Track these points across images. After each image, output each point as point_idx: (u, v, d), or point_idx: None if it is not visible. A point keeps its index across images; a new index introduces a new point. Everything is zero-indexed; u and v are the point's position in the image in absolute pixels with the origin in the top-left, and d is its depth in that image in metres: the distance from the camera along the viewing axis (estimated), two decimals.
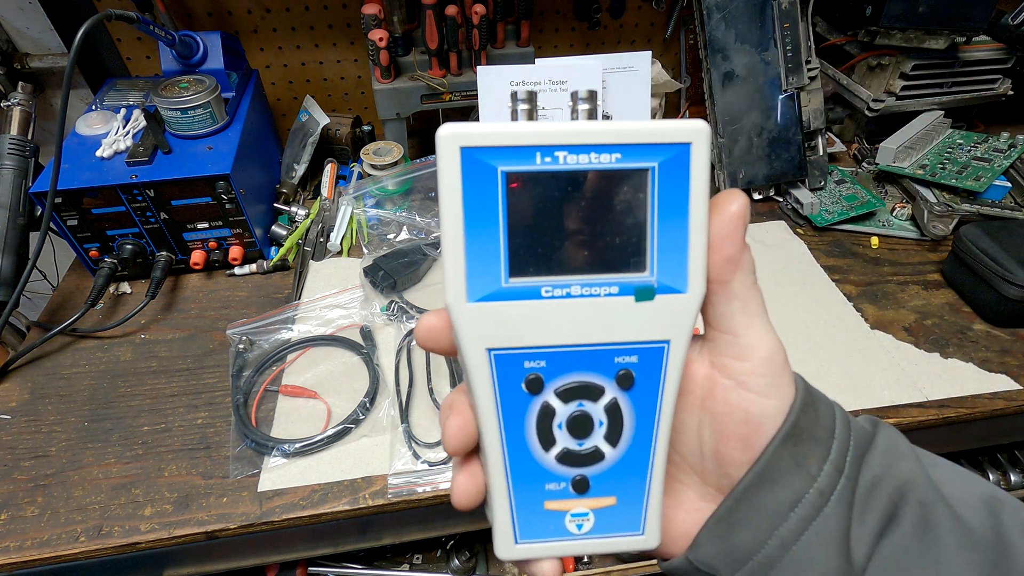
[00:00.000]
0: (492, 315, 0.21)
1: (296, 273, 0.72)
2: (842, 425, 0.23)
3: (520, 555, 0.24)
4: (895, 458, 0.23)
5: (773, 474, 0.22)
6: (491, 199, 0.20)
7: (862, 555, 0.22)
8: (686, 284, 0.21)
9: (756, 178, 0.83)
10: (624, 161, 0.20)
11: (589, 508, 0.23)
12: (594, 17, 0.92)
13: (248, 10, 0.85)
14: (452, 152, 0.19)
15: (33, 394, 0.59)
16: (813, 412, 0.23)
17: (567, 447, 0.23)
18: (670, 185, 0.20)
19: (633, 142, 0.19)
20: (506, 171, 0.19)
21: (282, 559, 0.59)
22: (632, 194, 0.20)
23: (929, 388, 0.59)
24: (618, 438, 0.22)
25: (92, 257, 0.68)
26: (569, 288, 0.21)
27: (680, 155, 0.20)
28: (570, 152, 0.19)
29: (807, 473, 0.22)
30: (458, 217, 0.20)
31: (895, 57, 0.87)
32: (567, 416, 0.22)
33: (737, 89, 0.80)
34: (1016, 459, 0.82)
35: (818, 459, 0.22)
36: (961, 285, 0.70)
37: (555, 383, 0.22)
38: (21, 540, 0.47)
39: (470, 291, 0.20)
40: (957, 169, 0.80)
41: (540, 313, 0.21)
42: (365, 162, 0.81)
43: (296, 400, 0.58)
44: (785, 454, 0.22)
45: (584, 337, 0.21)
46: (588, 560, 0.75)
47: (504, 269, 0.20)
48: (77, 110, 0.89)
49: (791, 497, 0.22)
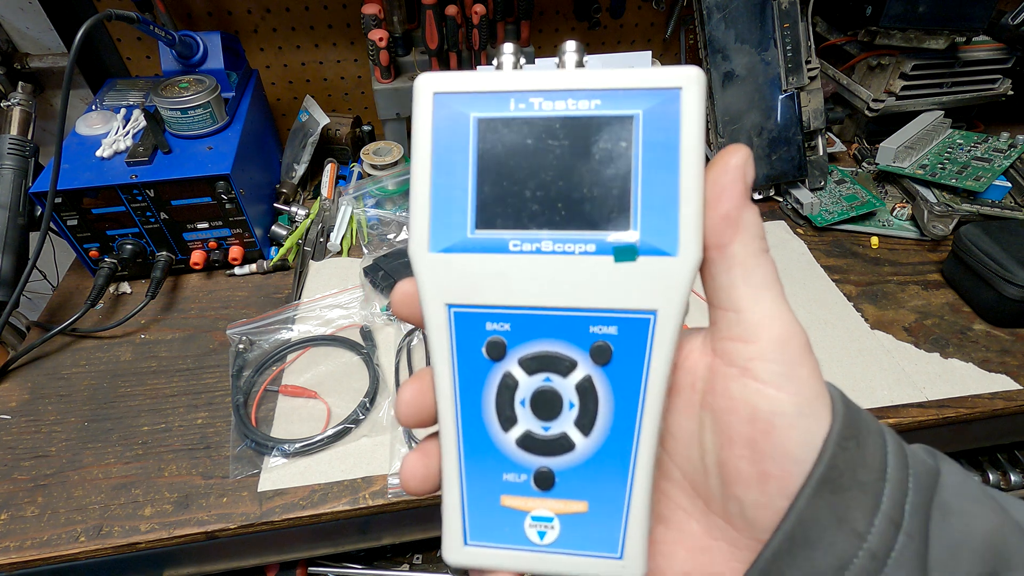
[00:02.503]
0: (454, 267, 0.19)
1: (296, 273, 0.72)
2: (896, 461, 0.18)
3: (468, 560, 0.20)
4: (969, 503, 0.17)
5: (809, 534, 0.17)
6: (462, 146, 0.18)
7: None
8: (676, 246, 0.18)
9: (756, 178, 0.83)
10: (605, 108, 0.18)
11: (554, 512, 0.20)
12: (594, 17, 0.92)
13: (248, 10, 0.85)
14: (426, 98, 0.18)
15: (33, 394, 0.59)
16: (855, 445, 0.17)
17: (529, 429, 0.19)
18: (657, 134, 0.18)
19: (613, 87, 0.18)
20: (477, 117, 0.18)
21: (282, 559, 0.59)
22: (614, 143, 0.18)
23: (929, 388, 0.59)
24: (591, 425, 0.19)
25: (92, 257, 0.68)
26: (540, 243, 0.18)
27: (669, 101, 0.18)
28: (546, 98, 0.18)
29: (853, 530, 0.17)
30: (426, 164, 0.19)
31: (895, 57, 0.87)
32: (531, 391, 0.19)
33: (737, 89, 0.80)
34: (1016, 459, 0.82)
35: (866, 511, 0.17)
36: (961, 285, 0.70)
37: (519, 350, 0.19)
38: (21, 540, 0.47)
39: (433, 241, 0.19)
40: (957, 169, 0.80)
41: (506, 268, 0.19)
42: (365, 162, 0.81)
43: (296, 400, 0.58)
44: (822, 505, 0.17)
45: (554, 299, 0.19)
46: None
47: (471, 219, 0.19)
48: (77, 110, 0.89)
49: (835, 564, 0.17)
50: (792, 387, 0.17)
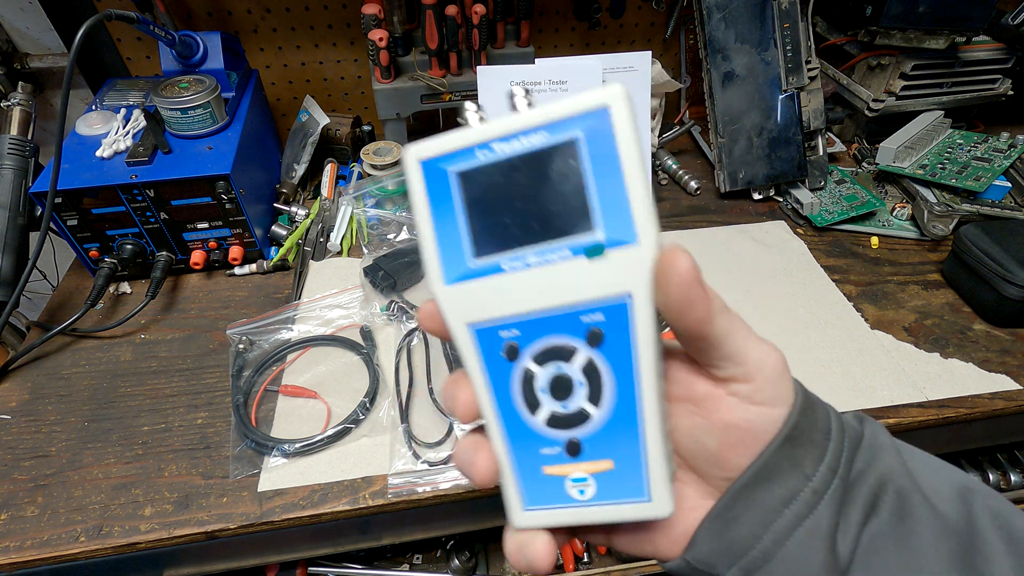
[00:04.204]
0: (465, 294, 0.23)
1: (296, 273, 0.72)
2: (837, 427, 0.24)
3: (530, 522, 0.24)
4: (876, 452, 0.24)
5: (770, 474, 0.22)
6: (447, 196, 0.23)
7: (847, 548, 0.22)
8: (634, 234, 0.21)
9: (756, 178, 0.83)
10: (551, 138, 0.21)
11: (587, 472, 0.24)
12: (594, 17, 0.92)
13: (248, 10, 0.85)
14: (414, 165, 0.23)
15: (33, 394, 0.59)
16: (811, 415, 0.23)
17: (553, 410, 0.24)
18: (598, 148, 0.21)
19: (554, 119, 0.21)
20: (454, 171, 0.22)
21: (282, 559, 0.59)
22: (565, 164, 0.21)
23: (929, 388, 0.59)
24: (599, 397, 0.23)
25: (92, 257, 0.68)
26: (526, 258, 0.22)
27: (601, 119, 0.21)
28: (503, 142, 0.22)
29: (802, 473, 0.22)
30: (426, 215, 0.23)
31: (895, 57, 0.87)
32: (547, 379, 0.23)
33: (737, 89, 0.80)
34: (1016, 459, 0.82)
35: (814, 460, 0.23)
36: (961, 285, 0.70)
37: (530, 348, 0.23)
38: (21, 540, 0.47)
39: (445, 275, 0.23)
40: (957, 169, 0.80)
41: (505, 285, 0.23)
42: (365, 162, 0.81)
43: (296, 400, 0.58)
44: (783, 455, 0.22)
45: (547, 301, 0.22)
46: (588, 560, 0.75)
47: (469, 252, 0.23)
48: (77, 110, 0.89)
49: (786, 495, 0.22)
50: (780, 402, 0.23)
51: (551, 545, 0.24)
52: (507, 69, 0.73)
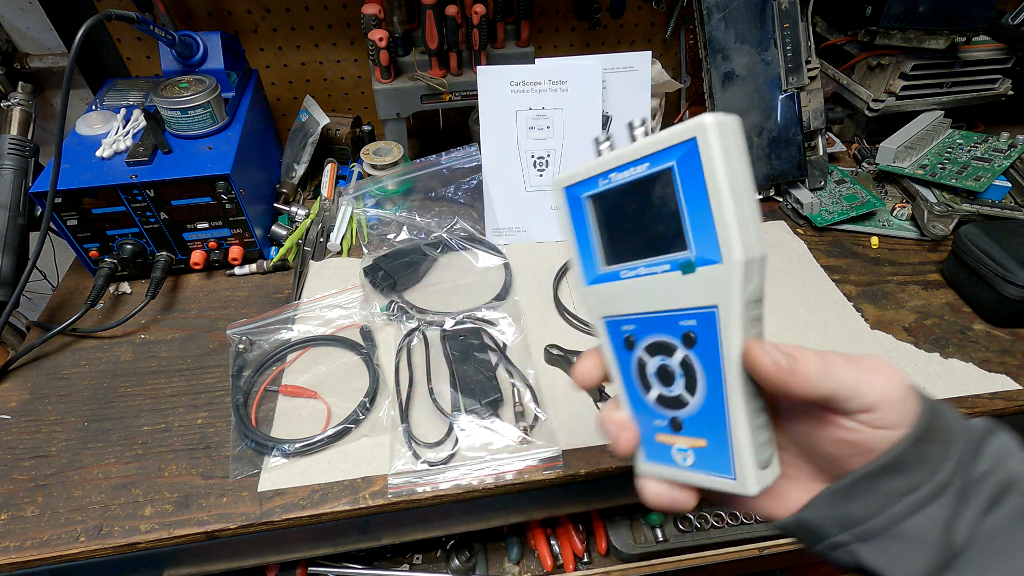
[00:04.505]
0: (598, 293, 0.30)
1: (296, 273, 0.72)
2: (961, 428, 0.26)
3: (649, 471, 0.30)
4: (1005, 457, 0.26)
5: (897, 466, 0.24)
6: (583, 216, 0.29)
7: (963, 536, 0.24)
8: (719, 254, 0.24)
9: (756, 178, 0.83)
10: (652, 167, 0.26)
11: (688, 445, 0.28)
12: (594, 17, 0.92)
13: (248, 10, 0.85)
14: (559, 191, 0.30)
15: (33, 394, 0.59)
16: (938, 418, 0.25)
17: (661, 392, 0.29)
18: (690, 175, 0.24)
19: (654, 151, 0.25)
20: (586, 196, 0.29)
21: (282, 559, 0.59)
22: (664, 190, 0.25)
23: (929, 388, 0.59)
24: (694, 388, 0.27)
25: (92, 257, 0.68)
26: (637, 269, 0.28)
27: (690, 149, 0.24)
28: (617, 172, 0.27)
29: (928, 469, 0.24)
30: (570, 230, 0.30)
31: (895, 57, 0.87)
32: (655, 368, 0.29)
33: (737, 89, 0.80)
34: None
35: (940, 458, 0.25)
36: (961, 285, 0.70)
37: (643, 342, 0.29)
38: (21, 540, 0.47)
39: (585, 278, 0.30)
40: (957, 169, 0.80)
41: (623, 290, 0.29)
42: (365, 162, 0.81)
43: (296, 400, 0.58)
44: (912, 452, 0.24)
45: (653, 305, 0.28)
46: (588, 560, 0.75)
47: (600, 260, 0.29)
48: (77, 110, 0.89)
49: (910, 485, 0.24)
50: (902, 424, 0.24)
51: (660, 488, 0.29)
52: (507, 69, 0.73)
